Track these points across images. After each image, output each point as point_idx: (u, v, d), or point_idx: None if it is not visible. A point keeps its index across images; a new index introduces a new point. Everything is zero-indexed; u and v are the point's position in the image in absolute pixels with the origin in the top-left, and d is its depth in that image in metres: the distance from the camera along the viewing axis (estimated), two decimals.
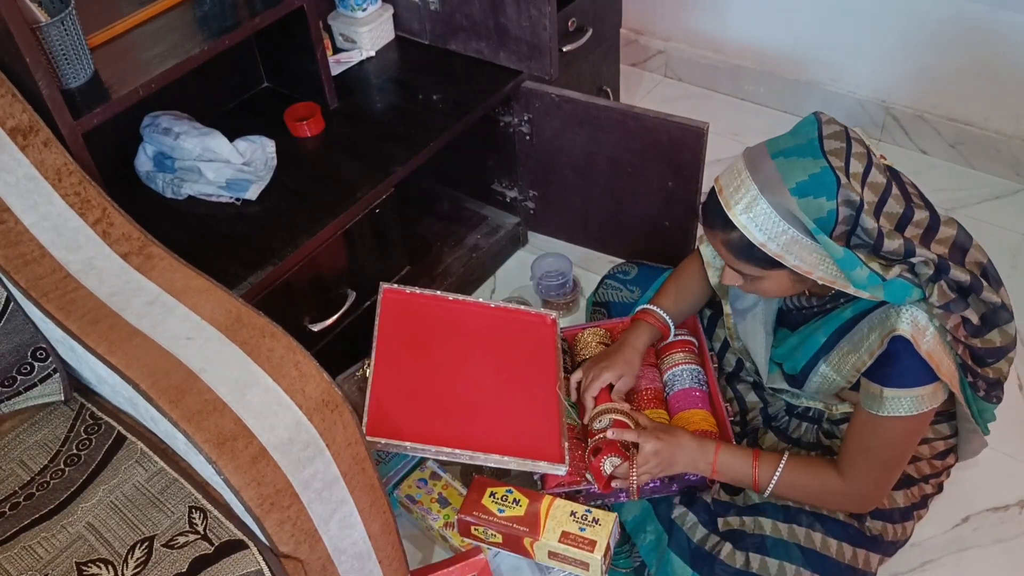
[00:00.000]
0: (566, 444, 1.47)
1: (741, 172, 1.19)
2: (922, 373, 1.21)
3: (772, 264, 1.20)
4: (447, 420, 1.48)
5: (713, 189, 1.23)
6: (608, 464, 1.37)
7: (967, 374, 1.26)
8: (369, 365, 1.53)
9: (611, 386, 1.48)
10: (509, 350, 1.63)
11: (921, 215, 1.22)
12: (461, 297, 1.70)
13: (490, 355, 1.62)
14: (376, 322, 1.59)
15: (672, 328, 1.55)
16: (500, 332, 1.66)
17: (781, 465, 1.33)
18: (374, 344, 1.55)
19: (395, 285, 1.66)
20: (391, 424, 1.44)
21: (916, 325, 1.19)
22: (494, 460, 1.44)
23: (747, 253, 1.21)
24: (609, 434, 1.37)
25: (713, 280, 1.51)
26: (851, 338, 1.28)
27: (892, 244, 1.15)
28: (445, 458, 1.46)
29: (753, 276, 1.25)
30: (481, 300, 1.71)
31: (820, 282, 1.20)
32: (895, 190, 1.20)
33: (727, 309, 1.51)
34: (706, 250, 1.52)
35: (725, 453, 1.36)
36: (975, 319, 1.22)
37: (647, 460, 1.34)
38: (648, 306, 1.55)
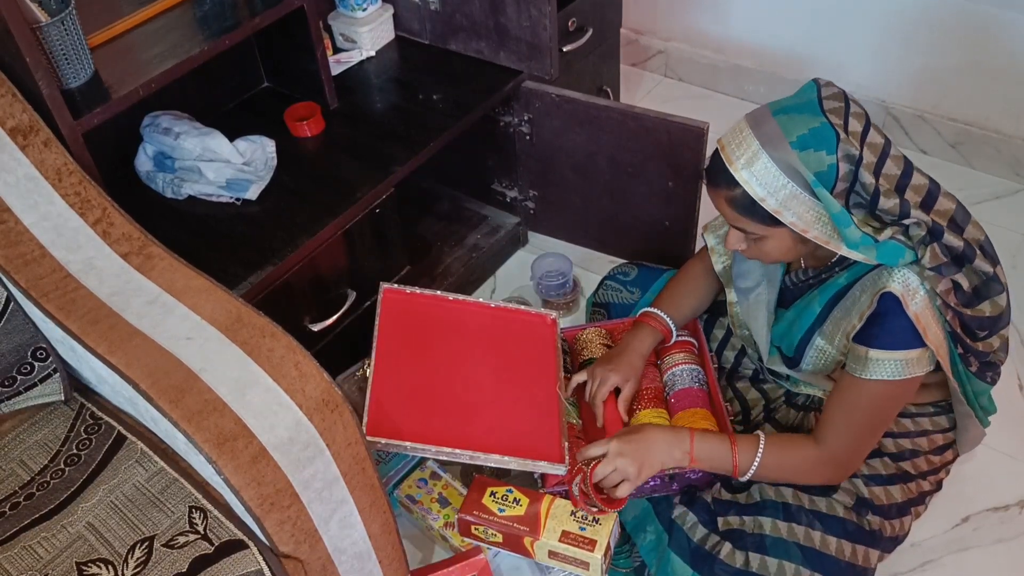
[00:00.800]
0: (566, 444, 1.47)
1: (743, 130, 1.21)
2: (909, 335, 1.22)
3: (773, 221, 1.22)
4: (447, 420, 1.48)
5: (716, 149, 1.25)
6: (575, 487, 1.37)
7: (957, 345, 1.26)
8: (369, 365, 1.53)
9: (616, 390, 1.49)
10: (509, 350, 1.63)
11: (920, 180, 1.25)
12: (461, 297, 1.70)
13: (490, 355, 1.62)
14: (376, 322, 1.59)
15: (674, 332, 1.56)
16: (500, 332, 1.66)
17: (760, 450, 1.33)
18: (374, 344, 1.55)
19: (395, 285, 1.66)
20: (391, 424, 1.44)
21: (907, 285, 1.21)
22: (494, 460, 1.44)
23: (749, 210, 1.22)
24: (576, 456, 1.38)
25: (718, 267, 1.53)
26: (843, 304, 1.30)
27: (888, 203, 1.17)
28: (445, 458, 1.46)
29: (755, 236, 1.27)
30: (481, 300, 1.71)
31: (815, 241, 1.21)
32: (894, 151, 1.22)
33: (731, 297, 1.52)
34: (710, 238, 1.54)
35: (700, 439, 1.35)
36: (966, 286, 1.23)
37: (613, 463, 1.33)
38: (651, 309, 1.56)
